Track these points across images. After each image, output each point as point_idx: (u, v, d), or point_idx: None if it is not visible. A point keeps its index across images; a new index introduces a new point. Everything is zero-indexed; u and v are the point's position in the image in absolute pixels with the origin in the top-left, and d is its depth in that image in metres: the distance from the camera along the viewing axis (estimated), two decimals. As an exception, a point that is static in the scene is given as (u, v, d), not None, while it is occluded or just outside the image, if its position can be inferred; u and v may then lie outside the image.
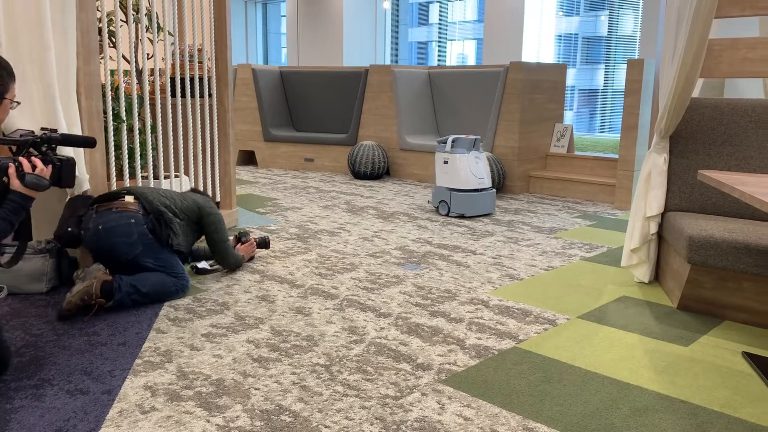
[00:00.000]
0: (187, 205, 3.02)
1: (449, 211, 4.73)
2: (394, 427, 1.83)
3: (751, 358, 2.31)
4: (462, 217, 4.72)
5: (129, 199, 2.85)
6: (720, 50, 3.16)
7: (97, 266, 2.71)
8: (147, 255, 2.79)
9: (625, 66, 5.03)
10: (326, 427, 1.82)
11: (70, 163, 2.31)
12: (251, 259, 3.48)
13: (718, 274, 2.69)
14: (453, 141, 4.75)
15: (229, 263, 3.21)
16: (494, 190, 4.85)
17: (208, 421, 1.84)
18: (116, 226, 2.74)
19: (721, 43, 3.17)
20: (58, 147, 2.47)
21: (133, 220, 2.76)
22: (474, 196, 4.69)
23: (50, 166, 2.22)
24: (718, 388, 2.11)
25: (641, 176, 3.19)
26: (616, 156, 5.77)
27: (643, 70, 4.94)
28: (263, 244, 3.56)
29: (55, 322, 2.56)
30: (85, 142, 2.54)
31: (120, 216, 2.76)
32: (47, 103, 2.76)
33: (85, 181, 2.97)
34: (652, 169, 3.14)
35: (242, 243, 3.41)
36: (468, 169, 4.67)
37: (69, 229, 2.83)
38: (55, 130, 2.36)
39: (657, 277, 3.27)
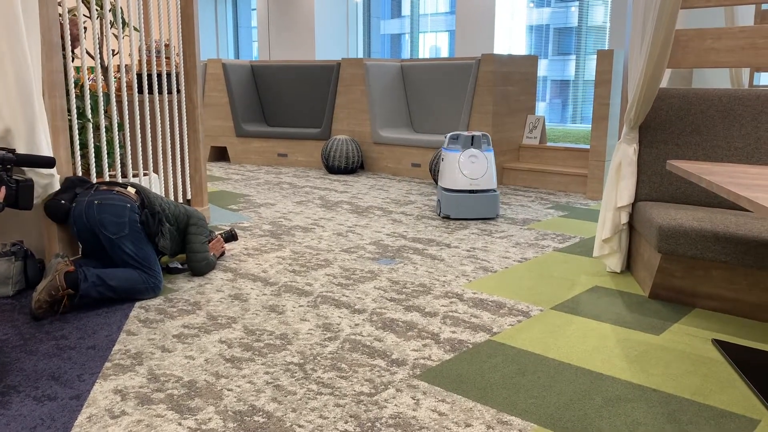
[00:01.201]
0: (178, 211, 3.12)
1: (441, 211, 4.51)
2: (369, 424, 1.82)
3: (720, 345, 2.35)
4: (447, 218, 4.47)
5: (131, 190, 2.96)
6: (687, 41, 3.19)
7: (56, 260, 2.66)
8: (130, 240, 2.80)
9: (595, 57, 5.04)
10: (300, 426, 1.81)
11: (28, 185, 2.25)
12: (222, 255, 3.44)
13: (688, 262, 2.73)
14: (451, 138, 4.51)
15: (203, 273, 3.18)
16: (496, 192, 4.45)
17: (179, 424, 1.82)
18: (112, 204, 2.82)
19: (688, 33, 3.21)
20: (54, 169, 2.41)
21: (129, 205, 2.85)
22: (464, 198, 4.40)
23: (3, 188, 2.16)
24: (689, 375, 2.14)
25: (612, 167, 3.22)
26: (588, 146, 5.82)
27: (613, 61, 4.98)
28: (230, 237, 3.53)
29: (22, 326, 2.51)
30: (43, 162, 2.49)
31: (118, 197, 2.86)
32: (16, 102, 2.68)
33: (56, 181, 2.90)
34: (623, 160, 3.17)
35: (209, 241, 3.37)
36: (457, 168, 4.41)
37: (62, 201, 2.86)
38: (13, 150, 2.30)
39: (629, 266, 3.31)
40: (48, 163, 2.55)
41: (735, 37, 3.08)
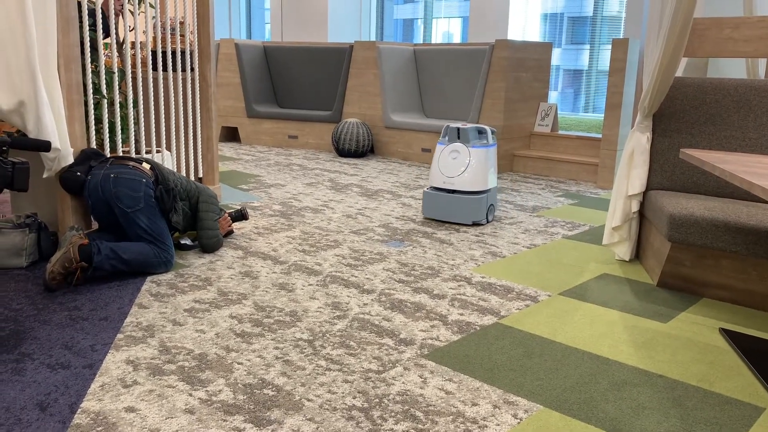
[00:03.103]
0: (190, 187, 3.16)
1: None
2: (377, 400, 1.84)
3: (727, 334, 2.36)
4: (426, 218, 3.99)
5: (146, 165, 2.98)
6: (704, 29, 3.17)
7: (71, 233, 2.69)
8: (145, 214, 2.84)
9: (609, 47, 5.00)
10: (309, 400, 1.83)
11: (24, 167, 2.28)
12: (230, 233, 3.45)
13: (698, 252, 2.73)
14: (445, 129, 4.00)
15: (212, 250, 3.20)
16: (481, 196, 3.81)
17: (190, 394, 1.85)
18: (128, 178, 2.85)
19: (705, 22, 3.18)
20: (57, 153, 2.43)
21: (144, 180, 2.89)
22: (439, 198, 3.88)
23: None
24: (695, 363, 2.15)
25: (624, 155, 3.21)
26: (600, 135, 5.79)
27: (628, 50, 4.95)
28: (240, 216, 3.53)
29: (35, 296, 2.54)
30: (38, 146, 2.53)
31: (134, 172, 2.89)
32: (28, 75, 2.70)
33: (69, 155, 2.92)
34: (635, 148, 3.16)
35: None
36: (437, 163, 3.92)
37: (78, 173, 2.89)
38: (11, 134, 2.33)
39: (638, 255, 3.31)
40: (43, 147, 2.59)
41: (753, 27, 3.06)
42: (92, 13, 3.31)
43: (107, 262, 2.67)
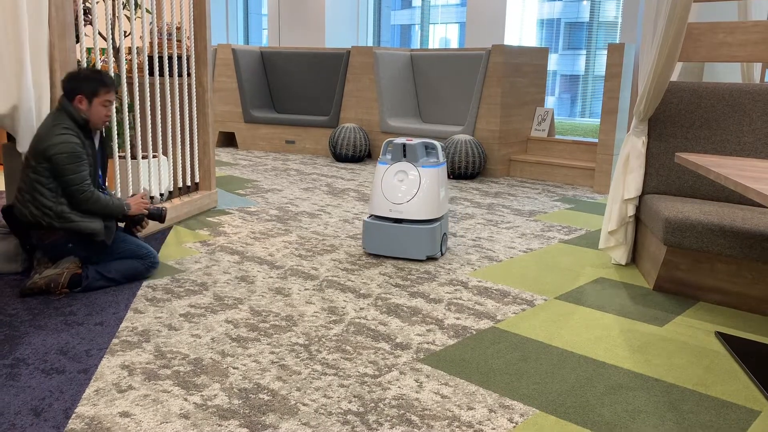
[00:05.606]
0: (59, 182, 2.60)
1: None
2: (372, 404, 1.84)
3: (723, 337, 2.36)
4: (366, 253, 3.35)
5: None
6: (699, 34, 3.18)
7: (71, 257, 2.69)
8: (98, 259, 2.74)
9: (606, 52, 5.01)
10: (304, 405, 1.83)
11: None
12: (138, 222, 2.91)
13: (694, 255, 2.73)
14: (386, 145, 3.43)
15: (99, 209, 2.67)
16: (433, 225, 3.17)
17: (185, 399, 1.84)
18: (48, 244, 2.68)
19: (700, 27, 3.19)
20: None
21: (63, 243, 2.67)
22: (384, 228, 3.21)
23: None
24: (691, 366, 2.15)
25: (620, 159, 3.22)
26: (596, 140, 5.81)
27: (624, 55, 4.96)
28: (156, 214, 2.96)
29: (31, 301, 2.54)
30: None
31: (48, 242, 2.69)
32: (19, 80, 2.70)
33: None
34: (631, 152, 3.17)
35: (133, 195, 2.96)
36: (379, 186, 3.28)
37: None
38: None
39: (634, 259, 3.31)
40: None
41: (748, 32, 3.07)
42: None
43: (96, 283, 2.69)
